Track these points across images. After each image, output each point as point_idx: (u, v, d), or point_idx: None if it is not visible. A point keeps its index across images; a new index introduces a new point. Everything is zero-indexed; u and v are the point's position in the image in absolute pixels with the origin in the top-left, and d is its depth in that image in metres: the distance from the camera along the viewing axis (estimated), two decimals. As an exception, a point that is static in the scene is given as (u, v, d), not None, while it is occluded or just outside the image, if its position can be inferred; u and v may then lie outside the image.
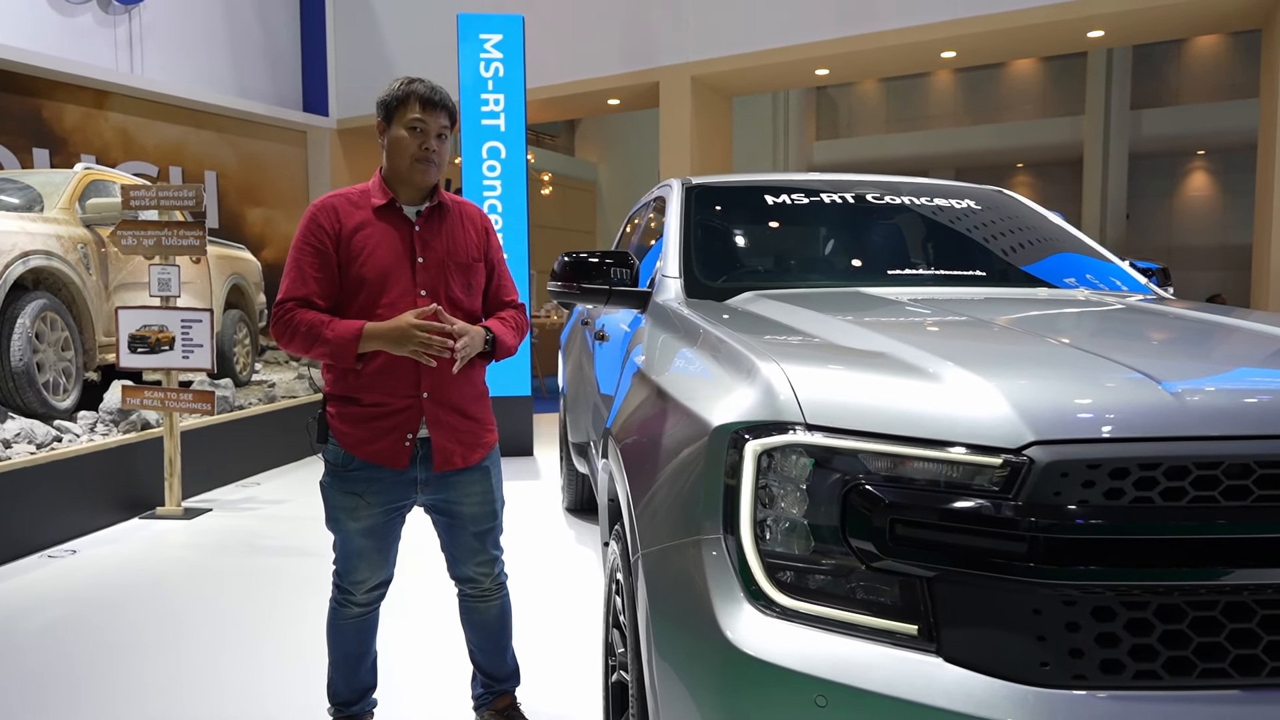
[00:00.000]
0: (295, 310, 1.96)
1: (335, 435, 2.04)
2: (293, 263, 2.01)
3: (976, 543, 1.14)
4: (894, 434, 1.20)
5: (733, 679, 1.21)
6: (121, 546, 4.25)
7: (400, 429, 2.01)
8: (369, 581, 2.13)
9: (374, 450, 2.01)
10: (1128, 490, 1.11)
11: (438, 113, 2.02)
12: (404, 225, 2.06)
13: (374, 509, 2.05)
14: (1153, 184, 17.55)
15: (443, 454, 2.05)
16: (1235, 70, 16.24)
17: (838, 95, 19.35)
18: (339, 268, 2.00)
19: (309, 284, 1.97)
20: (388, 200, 2.05)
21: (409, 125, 2.00)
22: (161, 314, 4.56)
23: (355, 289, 2.00)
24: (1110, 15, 7.05)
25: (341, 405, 2.03)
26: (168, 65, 9.43)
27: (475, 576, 2.21)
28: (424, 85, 2.03)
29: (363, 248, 2.01)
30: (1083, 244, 2.69)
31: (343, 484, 2.04)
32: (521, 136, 6.14)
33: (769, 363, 1.37)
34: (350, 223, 2.02)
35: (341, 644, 2.20)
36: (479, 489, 2.13)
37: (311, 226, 2.01)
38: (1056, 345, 1.50)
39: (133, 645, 3.09)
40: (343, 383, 2.01)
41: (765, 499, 1.26)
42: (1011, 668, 1.10)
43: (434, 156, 2.02)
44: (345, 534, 2.09)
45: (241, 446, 5.58)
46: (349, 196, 2.07)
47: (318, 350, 1.93)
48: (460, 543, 2.16)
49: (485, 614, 2.25)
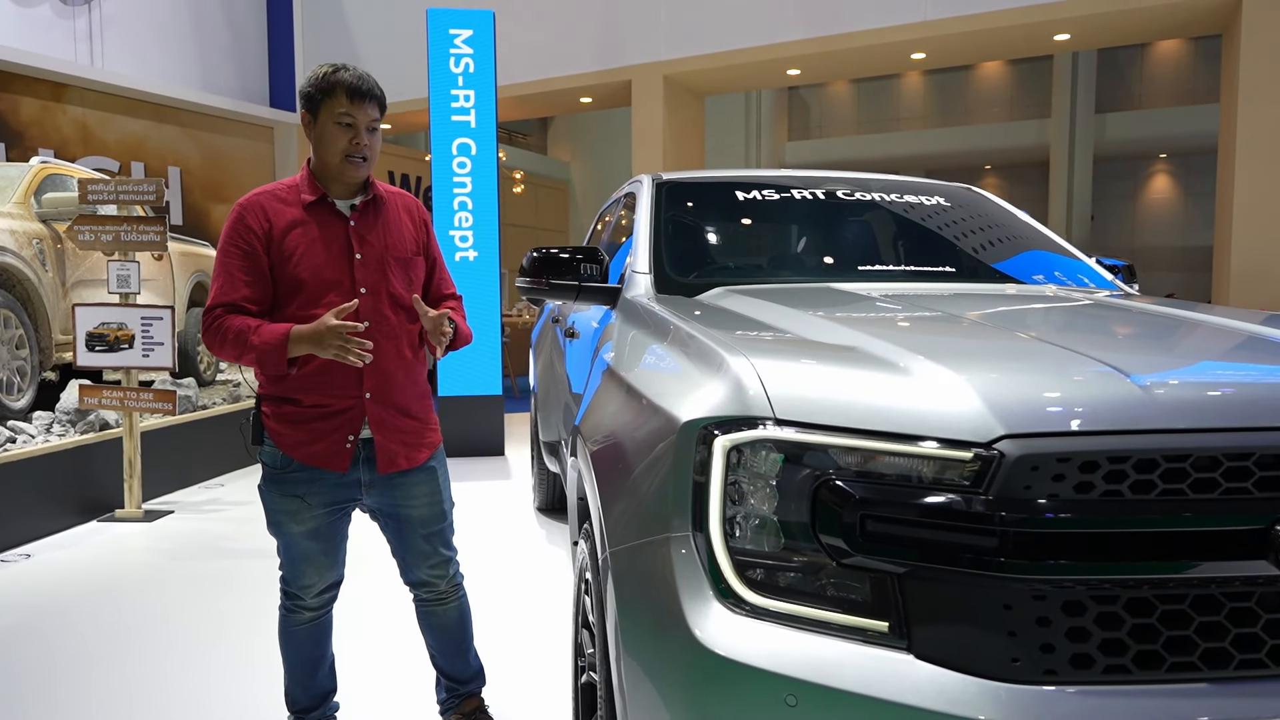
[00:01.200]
0: (224, 317, 1.86)
1: (272, 436, 1.95)
2: (220, 266, 1.90)
3: (947, 538, 1.12)
4: (864, 428, 1.18)
5: (701, 679, 1.19)
6: (78, 550, 4.14)
7: (341, 430, 1.93)
8: (317, 585, 2.06)
9: (313, 452, 1.93)
10: (1097, 484, 1.11)
11: (367, 104, 1.90)
12: (338, 221, 1.97)
13: (316, 510, 1.97)
14: (1116, 186, 17.87)
15: (387, 455, 1.98)
16: (1196, 76, 16.58)
17: (809, 96, 19.46)
18: (271, 269, 1.90)
19: (238, 288, 1.88)
20: (319, 196, 1.95)
21: (337, 119, 1.89)
22: (121, 311, 4.45)
23: (291, 291, 1.90)
24: (1076, 19, 7.14)
25: (277, 405, 1.94)
26: (129, 58, 9.23)
27: (430, 580, 2.14)
28: (350, 74, 1.90)
29: (296, 247, 1.91)
30: (1051, 241, 2.71)
31: (281, 486, 1.96)
32: (492, 133, 6.08)
33: (738, 357, 1.35)
34: (281, 221, 1.92)
35: (295, 650, 2.13)
36: (425, 490, 2.06)
37: (239, 228, 1.90)
38: (1026, 340, 1.49)
39: (84, 655, 2.99)
40: (279, 383, 1.93)
41: (734, 495, 1.24)
42: (983, 664, 1.09)
43: (365, 152, 1.92)
44: (289, 538, 2.01)
45: (204, 447, 5.47)
46: (276, 193, 1.96)
47: (247, 357, 1.84)
48: (411, 546, 2.09)
49: (444, 617, 2.18)
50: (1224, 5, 6.75)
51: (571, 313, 3.29)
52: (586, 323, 2.81)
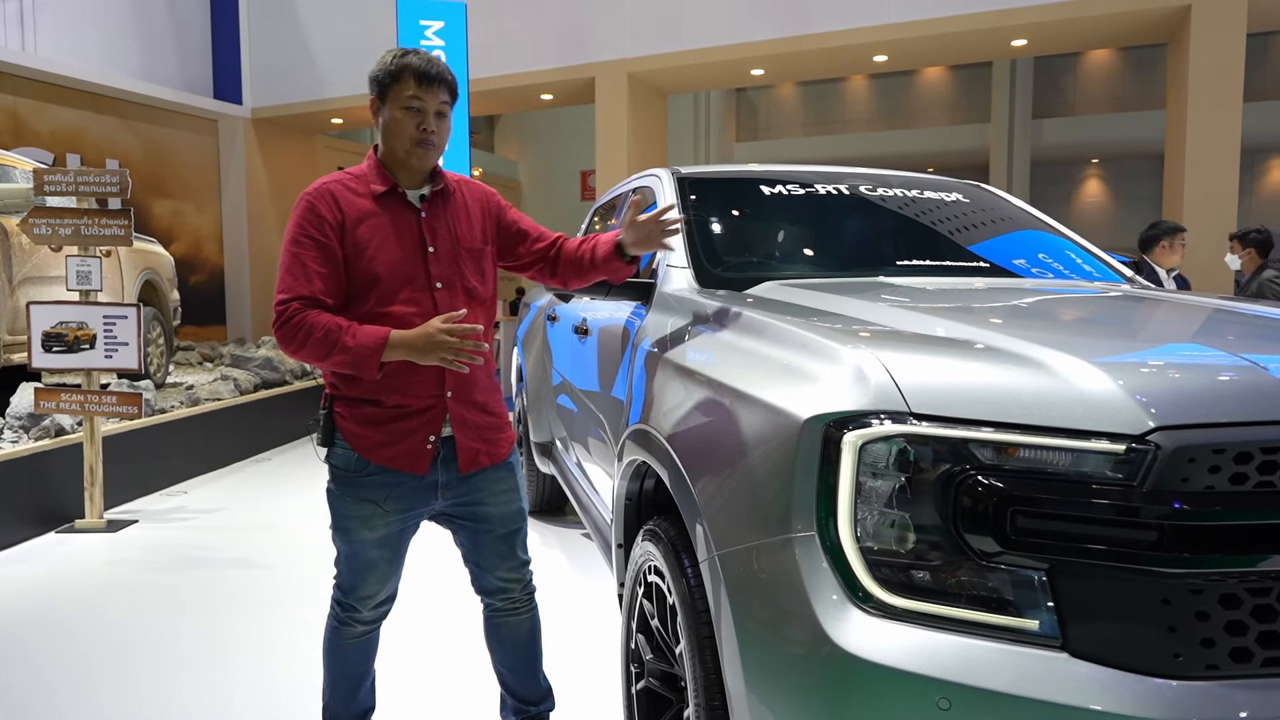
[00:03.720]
0: (305, 312, 1.73)
1: (348, 439, 1.84)
2: (291, 257, 1.78)
3: (1102, 532, 1.10)
4: (1008, 422, 1.15)
5: (844, 685, 1.14)
6: (37, 564, 3.88)
7: (422, 430, 1.84)
8: (376, 597, 1.96)
9: (393, 454, 1.83)
10: (1250, 474, 1.10)
11: (435, 88, 1.83)
12: (409, 213, 1.88)
13: (391, 517, 1.87)
14: (1052, 189, 18.51)
15: (469, 454, 1.90)
16: (1126, 85, 17.30)
17: (757, 98, 19.65)
18: (345, 262, 1.81)
19: (313, 281, 1.76)
20: (389, 186, 1.87)
21: (405, 105, 1.82)
22: (81, 310, 4.19)
23: (366, 287, 1.81)
24: (1032, 25, 7.35)
25: (355, 407, 1.84)
26: (64, 44, 8.75)
27: (505, 585, 2.05)
28: (419, 58, 1.84)
29: (370, 240, 1.81)
30: (1069, 236, 2.76)
31: (356, 491, 1.86)
32: (464, 127, 5.94)
33: (858, 349, 1.31)
34: (353, 212, 1.83)
35: (341, 664, 2.01)
36: (505, 486, 1.98)
37: (309, 217, 1.80)
38: (1147, 333, 1.49)
39: (50, 677, 2.76)
40: (355, 384, 1.82)
41: (865, 493, 1.20)
42: (1144, 660, 1.07)
43: (433, 138, 1.85)
44: (356, 545, 1.89)
45: (166, 453, 5.20)
46: (345, 183, 1.87)
47: (336, 359, 1.72)
48: (487, 547, 2.00)
49: (516, 629, 2.08)
50: (1170, 15, 7.03)
51: (579, 310, 3.21)
52: (606, 319, 2.74)
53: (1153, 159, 16.43)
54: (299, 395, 7.13)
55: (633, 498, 2.09)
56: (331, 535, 1.93)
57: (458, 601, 3.14)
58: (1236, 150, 6.68)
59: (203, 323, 10.35)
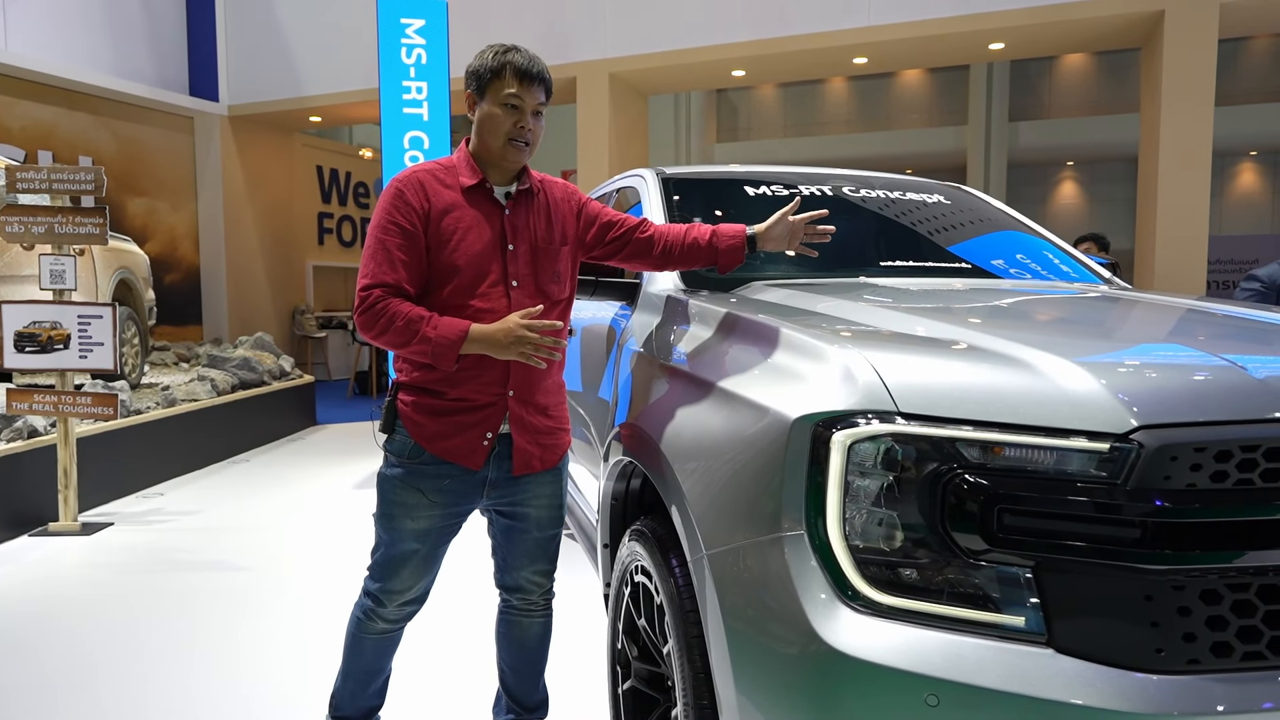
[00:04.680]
0: (388, 299, 1.73)
1: (408, 426, 1.85)
2: (377, 244, 1.78)
3: (1087, 530, 1.12)
4: (994, 421, 1.17)
5: (833, 682, 1.15)
6: (10, 568, 3.81)
7: (480, 426, 1.84)
8: (407, 593, 1.94)
9: (449, 446, 1.83)
10: (1231, 473, 1.12)
11: (535, 87, 1.83)
12: (494, 209, 1.88)
13: (435, 509, 1.87)
14: (1028, 191, 18.72)
15: (523, 456, 1.89)
16: (1100, 88, 17.53)
17: (737, 99, 19.71)
18: (427, 252, 1.80)
19: (397, 269, 1.76)
20: (478, 181, 1.87)
21: (504, 101, 1.81)
22: (55, 309, 4.12)
23: (444, 278, 1.80)
24: (1010, 29, 7.43)
25: (418, 395, 1.85)
26: (36, 39, 8.60)
27: (528, 585, 2.05)
28: (522, 55, 1.83)
29: (453, 232, 1.81)
30: (1047, 238, 2.79)
31: (407, 476, 1.86)
32: (446, 127, 5.91)
33: (846, 349, 1.32)
34: (440, 203, 1.82)
35: (357, 657, 2.00)
36: (550, 491, 1.98)
37: (398, 204, 1.79)
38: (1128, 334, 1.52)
39: (20, 684, 2.71)
40: (425, 373, 1.83)
41: (853, 492, 1.21)
42: (1126, 656, 1.09)
43: (529, 136, 1.85)
44: (396, 533, 1.89)
45: (141, 454, 5.13)
46: (435, 172, 1.87)
47: (416, 348, 1.73)
48: (520, 547, 2.00)
49: (527, 630, 2.08)
50: (1144, 21, 7.13)
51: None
52: (591, 319, 2.74)
53: (1126, 162, 16.68)
54: (277, 396, 7.07)
55: (619, 498, 2.10)
56: (374, 521, 1.93)
57: (469, 601, 3.15)
58: (1208, 153, 6.79)
59: (178, 323, 10.21)
